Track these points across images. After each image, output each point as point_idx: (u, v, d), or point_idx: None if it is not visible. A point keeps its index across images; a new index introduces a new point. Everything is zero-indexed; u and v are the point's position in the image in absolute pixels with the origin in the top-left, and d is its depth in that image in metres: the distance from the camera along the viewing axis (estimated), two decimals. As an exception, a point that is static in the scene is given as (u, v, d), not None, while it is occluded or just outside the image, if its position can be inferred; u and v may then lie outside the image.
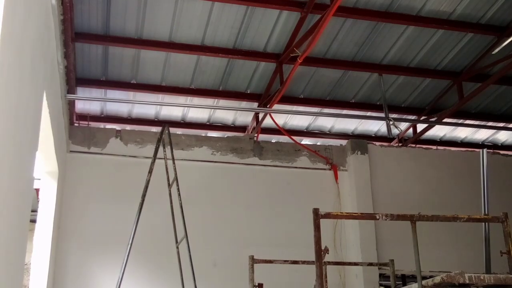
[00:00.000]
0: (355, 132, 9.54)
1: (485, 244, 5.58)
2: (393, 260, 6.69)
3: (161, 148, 6.41)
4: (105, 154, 8.16)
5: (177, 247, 6.29)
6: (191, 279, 5.91)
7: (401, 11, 6.98)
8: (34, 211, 6.25)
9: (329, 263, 6.86)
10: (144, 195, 6.05)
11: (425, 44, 7.65)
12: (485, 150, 5.86)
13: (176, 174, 6.25)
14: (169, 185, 6.44)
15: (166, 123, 6.95)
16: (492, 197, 5.76)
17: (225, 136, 8.87)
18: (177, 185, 6.21)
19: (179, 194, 6.21)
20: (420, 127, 9.33)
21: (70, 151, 8.02)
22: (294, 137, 8.87)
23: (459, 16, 7.15)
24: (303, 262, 6.65)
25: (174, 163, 6.36)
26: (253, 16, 6.93)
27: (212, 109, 8.62)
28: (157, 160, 6.27)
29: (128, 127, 8.69)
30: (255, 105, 8.46)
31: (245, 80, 8.16)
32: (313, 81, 8.27)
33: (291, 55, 7.10)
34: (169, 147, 6.49)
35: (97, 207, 7.80)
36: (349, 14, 6.87)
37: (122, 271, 5.59)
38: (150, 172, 6.19)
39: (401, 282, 7.85)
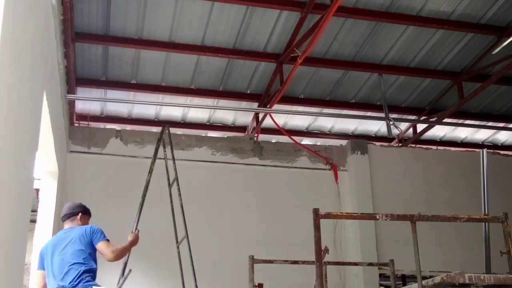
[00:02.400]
0: (355, 132, 9.54)
1: (485, 244, 5.58)
2: (393, 260, 6.70)
3: (161, 148, 6.41)
4: (105, 154, 8.16)
5: (178, 247, 6.29)
6: (192, 279, 5.90)
7: (401, 11, 6.98)
8: (34, 211, 6.25)
9: (329, 263, 6.86)
10: (144, 195, 6.04)
11: (425, 44, 7.65)
12: (485, 150, 5.86)
13: (176, 174, 6.24)
14: (170, 185, 6.43)
15: (167, 123, 6.95)
16: (492, 197, 5.76)
17: (225, 136, 8.87)
18: (178, 185, 6.20)
19: (179, 194, 6.21)
20: (420, 127, 9.33)
21: (70, 151, 8.02)
22: (294, 137, 8.87)
23: (459, 16, 7.15)
24: (303, 262, 6.65)
25: (174, 163, 6.36)
26: (253, 16, 6.93)
27: (212, 109, 8.62)
28: (157, 160, 6.27)
29: (128, 127, 8.69)
30: (255, 105, 8.46)
31: (245, 80, 8.15)
32: (313, 81, 8.27)
33: (291, 55, 7.10)
34: (169, 147, 6.49)
35: (97, 207, 7.77)
36: (349, 14, 6.87)
37: (122, 270, 5.58)
38: (150, 172, 6.18)
39: (401, 282, 7.86)
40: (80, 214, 4.92)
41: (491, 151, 9.45)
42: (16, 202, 3.64)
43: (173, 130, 7.90)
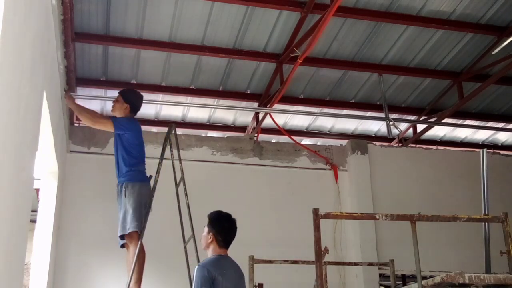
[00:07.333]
0: (355, 132, 9.54)
1: (485, 244, 5.58)
2: (393, 260, 6.70)
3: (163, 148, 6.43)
4: (105, 154, 8.14)
5: (185, 247, 6.30)
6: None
7: (401, 11, 6.98)
8: (34, 211, 6.25)
9: (329, 263, 6.87)
10: (152, 196, 6.09)
11: (425, 44, 7.65)
12: (485, 150, 5.86)
13: (182, 173, 6.26)
14: (176, 185, 6.44)
15: (173, 123, 6.97)
16: (492, 197, 5.76)
17: (225, 136, 8.87)
18: (184, 184, 6.22)
19: (185, 194, 6.21)
20: (420, 127, 9.33)
21: (70, 151, 8.01)
22: (294, 137, 8.87)
23: (459, 16, 7.15)
24: (303, 262, 6.65)
25: (180, 162, 6.37)
26: (253, 16, 6.93)
27: (212, 109, 8.61)
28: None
29: (128, 127, 8.66)
30: (255, 105, 8.45)
31: (245, 80, 8.15)
32: (313, 81, 8.27)
33: (291, 55, 7.10)
34: (175, 146, 6.51)
35: (97, 207, 7.79)
36: (349, 14, 6.87)
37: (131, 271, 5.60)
38: (158, 172, 6.21)
39: (401, 282, 7.86)
40: None
41: (491, 151, 9.44)
42: (16, 202, 3.63)
43: (173, 130, 7.90)
